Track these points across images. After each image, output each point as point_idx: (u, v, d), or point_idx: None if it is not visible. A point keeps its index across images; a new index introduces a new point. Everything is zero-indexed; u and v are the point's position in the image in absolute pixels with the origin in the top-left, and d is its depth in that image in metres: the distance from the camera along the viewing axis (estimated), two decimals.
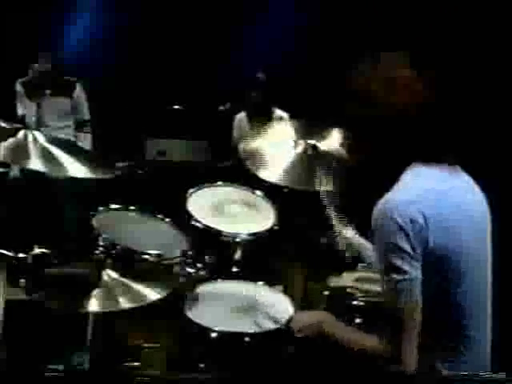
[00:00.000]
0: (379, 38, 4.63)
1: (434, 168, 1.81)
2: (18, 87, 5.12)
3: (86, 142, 5.15)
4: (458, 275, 1.76)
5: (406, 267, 1.71)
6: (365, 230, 1.85)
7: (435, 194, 1.77)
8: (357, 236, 2.51)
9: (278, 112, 5.08)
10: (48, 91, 5.02)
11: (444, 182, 1.80)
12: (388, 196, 1.78)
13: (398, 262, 1.71)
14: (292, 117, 4.84)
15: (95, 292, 2.31)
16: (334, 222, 2.58)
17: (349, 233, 2.54)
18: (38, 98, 5.01)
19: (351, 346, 1.89)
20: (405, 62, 1.82)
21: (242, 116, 5.26)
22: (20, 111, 5.08)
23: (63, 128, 5.12)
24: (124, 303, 2.30)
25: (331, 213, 2.60)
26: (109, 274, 2.39)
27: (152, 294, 2.36)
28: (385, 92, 1.78)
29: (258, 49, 5.76)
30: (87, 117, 5.25)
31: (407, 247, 1.71)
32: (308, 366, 2.12)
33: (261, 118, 4.89)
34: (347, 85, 1.87)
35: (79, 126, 5.21)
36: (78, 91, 5.20)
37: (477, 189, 1.91)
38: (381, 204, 1.76)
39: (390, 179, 1.83)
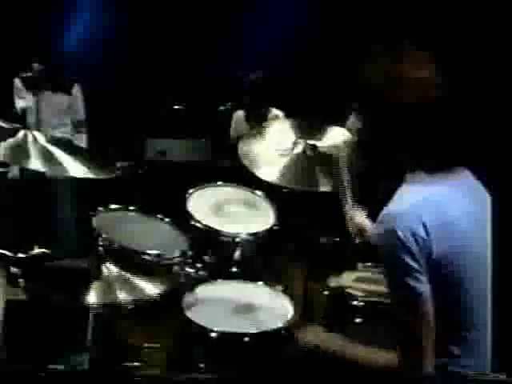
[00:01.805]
0: (386, 34, 4.60)
1: (434, 173, 1.78)
2: (17, 82, 5.11)
3: (81, 142, 5.14)
4: (460, 279, 1.75)
5: (413, 284, 1.68)
6: (376, 216, 1.80)
7: (434, 201, 1.74)
8: (369, 222, 2.49)
9: (274, 111, 5.09)
10: (46, 88, 5.02)
11: (443, 187, 1.78)
12: (387, 209, 1.74)
13: (406, 280, 1.68)
14: (288, 116, 4.84)
15: (95, 286, 2.31)
16: (346, 208, 2.56)
17: (360, 217, 2.53)
18: (36, 95, 5.01)
19: (365, 364, 1.86)
20: (422, 57, 1.78)
21: (239, 115, 5.27)
22: (18, 105, 5.07)
23: (62, 126, 5.11)
24: (123, 298, 2.30)
25: (345, 196, 2.58)
26: (108, 268, 2.39)
27: (151, 291, 2.37)
28: (397, 89, 1.74)
29: (258, 48, 5.76)
30: (83, 117, 5.24)
31: (412, 263, 1.68)
32: (308, 366, 2.12)
33: (257, 117, 4.90)
34: (359, 81, 1.83)
35: (75, 125, 5.20)
36: (76, 90, 5.19)
37: (480, 189, 1.90)
38: (382, 218, 1.74)
39: (395, 177, 1.82)
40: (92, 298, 2.28)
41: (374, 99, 1.77)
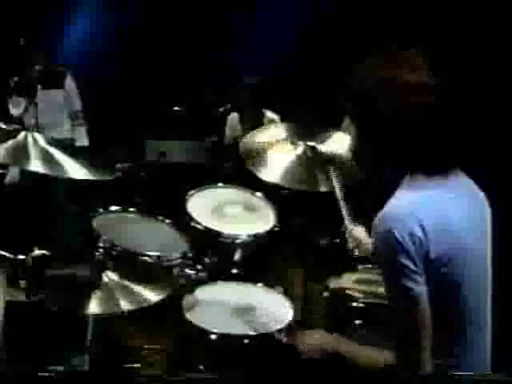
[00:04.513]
0: (383, 36, 4.60)
1: (432, 175, 1.78)
2: (13, 85, 5.08)
3: (80, 134, 5.12)
4: (459, 279, 1.75)
5: (409, 285, 1.68)
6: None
7: (433, 203, 1.74)
8: (367, 235, 2.49)
9: (269, 114, 5.08)
10: (40, 86, 4.98)
11: (442, 189, 1.77)
12: (385, 209, 1.74)
13: (402, 281, 1.68)
14: (284, 119, 4.84)
15: (96, 294, 2.31)
16: (345, 220, 2.56)
17: (359, 231, 2.53)
18: (31, 96, 4.97)
19: (365, 364, 1.87)
20: (415, 61, 1.77)
21: (234, 116, 5.27)
22: (13, 111, 5.04)
23: (61, 124, 5.09)
24: (124, 305, 2.30)
25: (342, 211, 2.58)
26: (109, 276, 2.39)
27: (152, 296, 2.37)
28: (391, 93, 1.74)
29: (258, 49, 5.76)
30: (79, 107, 5.20)
31: (409, 264, 1.68)
32: (307, 366, 2.12)
33: (251, 120, 4.90)
34: (351, 85, 1.83)
35: (72, 117, 5.18)
36: (69, 80, 5.16)
37: (477, 191, 1.90)
38: (378, 218, 1.74)
39: (391, 185, 1.82)
40: (93, 306, 2.28)
41: (367, 103, 1.77)
